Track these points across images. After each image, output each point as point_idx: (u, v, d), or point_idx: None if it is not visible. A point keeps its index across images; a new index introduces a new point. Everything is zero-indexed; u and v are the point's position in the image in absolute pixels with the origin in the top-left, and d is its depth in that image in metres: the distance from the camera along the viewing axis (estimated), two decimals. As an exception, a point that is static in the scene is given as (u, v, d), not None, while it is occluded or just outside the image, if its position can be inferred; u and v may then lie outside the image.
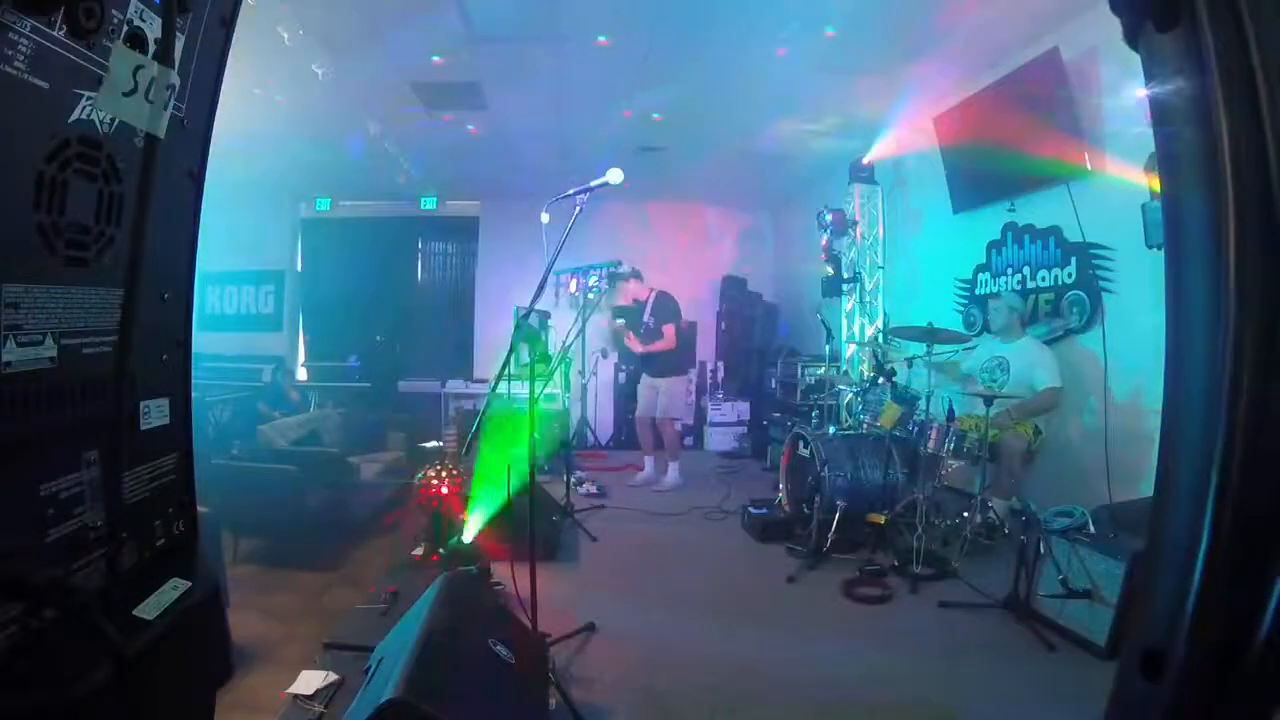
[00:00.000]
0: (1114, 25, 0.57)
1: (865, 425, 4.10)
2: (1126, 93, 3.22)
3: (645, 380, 5.24)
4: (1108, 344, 3.57)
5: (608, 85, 4.57)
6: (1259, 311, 0.47)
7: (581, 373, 6.59)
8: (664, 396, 5.08)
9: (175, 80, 0.87)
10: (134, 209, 0.77)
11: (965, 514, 3.49)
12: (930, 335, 3.66)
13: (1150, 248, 3.25)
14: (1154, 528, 0.56)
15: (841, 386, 5.35)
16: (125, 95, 0.79)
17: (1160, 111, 0.56)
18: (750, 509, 4.02)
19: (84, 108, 0.75)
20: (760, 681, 2.31)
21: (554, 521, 3.82)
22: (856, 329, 5.88)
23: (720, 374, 7.56)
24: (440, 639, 1.66)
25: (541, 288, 2.28)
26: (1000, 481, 3.55)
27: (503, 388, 2.31)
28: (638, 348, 5.09)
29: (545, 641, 2.28)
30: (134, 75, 0.79)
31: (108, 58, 0.76)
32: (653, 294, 5.14)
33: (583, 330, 5.60)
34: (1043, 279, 4.04)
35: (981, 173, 4.43)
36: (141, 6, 0.79)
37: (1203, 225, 0.51)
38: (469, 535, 3.20)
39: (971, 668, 2.39)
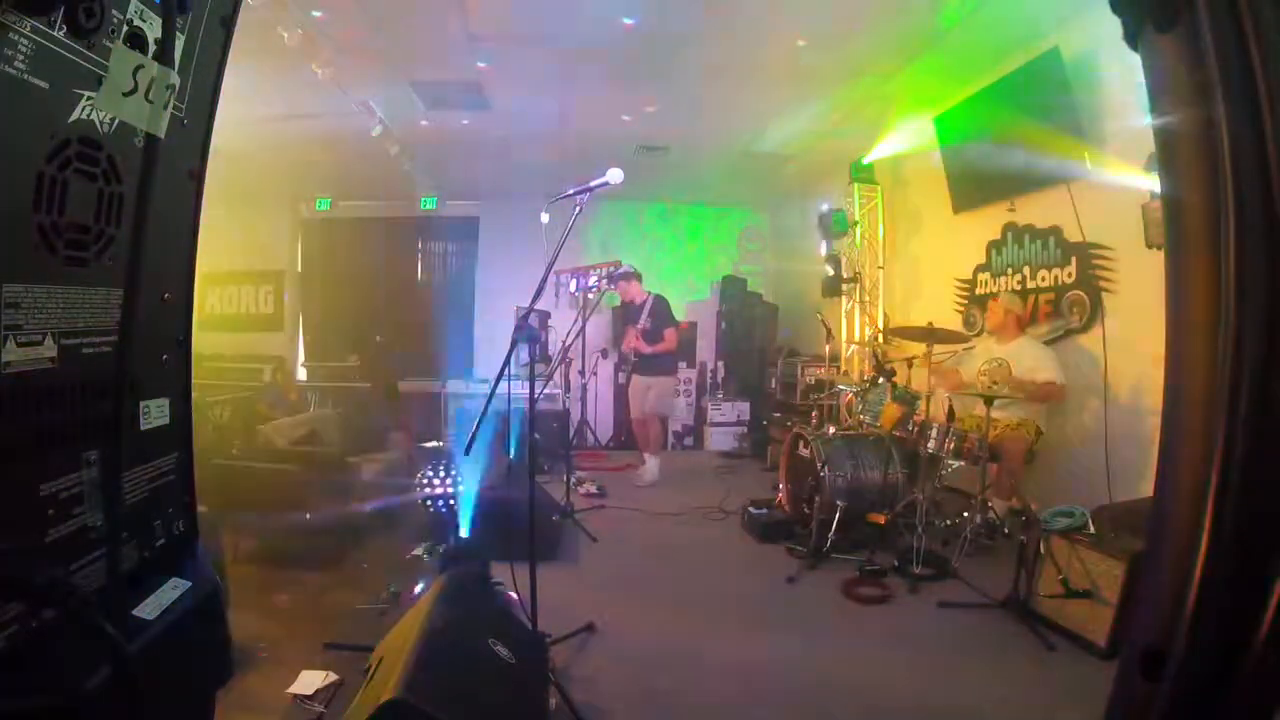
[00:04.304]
0: (1114, 25, 0.57)
1: (865, 425, 4.10)
2: (1126, 93, 3.22)
3: (639, 381, 5.34)
4: (1108, 344, 3.57)
5: (609, 85, 4.57)
6: (1259, 311, 0.47)
7: (581, 373, 6.58)
8: (654, 395, 5.28)
9: (175, 80, 0.87)
10: (134, 209, 0.77)
11: (965, 514, 3.49)
12: (930, 335, 3.66)
13: (1150, 248, 3.25)
14: (1154, 528, 0.56)
15: (841, 386, 5.36)
16: (125, 95, 0.79)
17: (1160, 111, 0.56)
18: (750, 509, 4.01)
19: (84, 108, 0.75)
20: (760, 681, 2.31)
21: (554, 521, 3.82)
22: (856, 329, 5.89)
23: (720, 374, 7.56)
24: (440, 639, 1.66)
25: (541, 288, 2.28)
26: (1000, 481, 3.55)
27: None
28: (645, 348, 5.19)
29: (545, 641, 2.28)
30: (134, 75, 0.79)
31: (108, 58, 0.76)
32: (650, 298, 5.27)
33: (583, 330, 5.62)
34: (1043, 279, 4.04)
35: (981, 173, 4.43)
36: (141, 6, 0.79)
37: (1203, 225, 0.51)
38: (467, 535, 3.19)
39: (971, 668, 2.39)
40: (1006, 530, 3.43)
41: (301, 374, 7.63)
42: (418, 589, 2.91)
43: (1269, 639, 0.46)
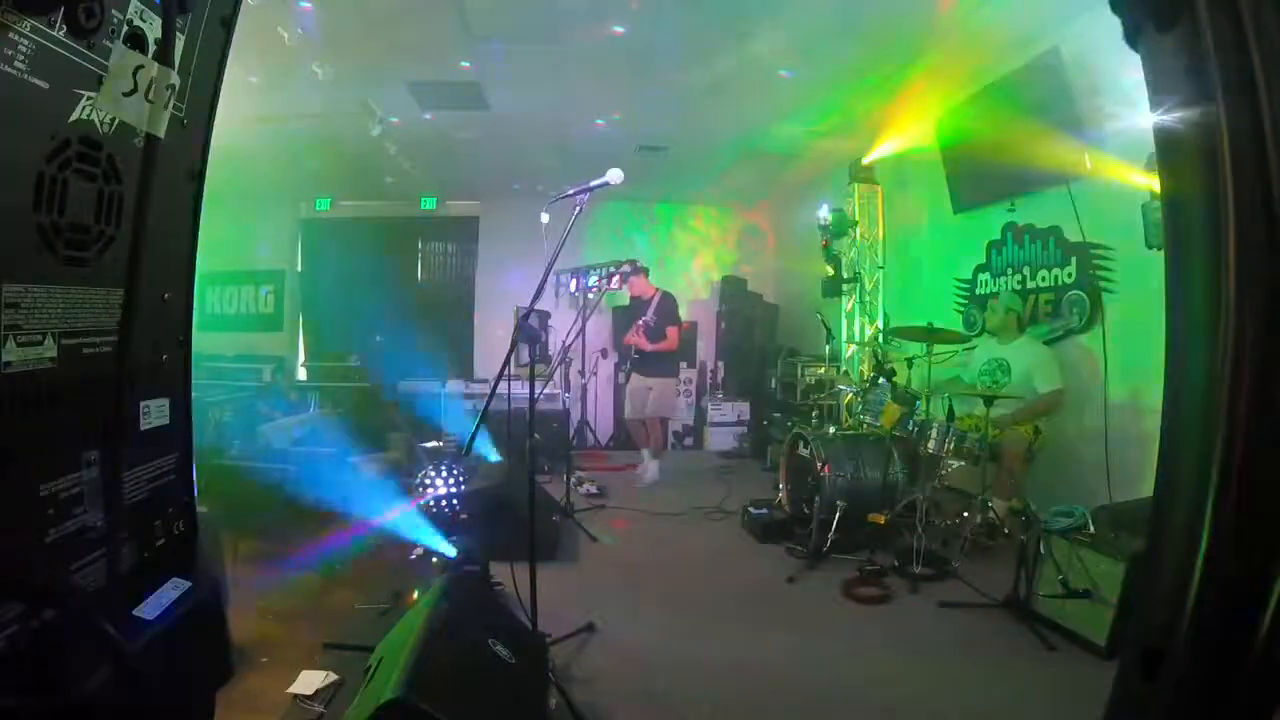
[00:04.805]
0: (1114, 25, 0.57)
1: (865, 425, 4.10)
2: (1126, 93, 3.21)
3: (637, 380, 5.26)
4: (1108, 344, 3.57)
5: (609, 85, 4.57)
6: (1259, 311, 0.47)
7: (581, 373, 6.59)
8: (655, 396, 5.21)
9: (175, 80, 0.87)
10: (134, 209, 0.78)
11: (965, 514, 3.49)
12: (930, 335, 3.66)
13: (1150, 248, 3.25)
14: (1154, 528, 0.56)
15: (841, 386, 5.35)
16: (125, 95, 0.79)
17: (1160, 111, 0.56)
18: (750, 509, 4.01)
19: (84, 108, 0.75)
20: (760, 681, 2.31)
21: (554, 521, 3.82)
22: (856, 329, 5.89)
23: (720, 374, 7.56)
24: (440, 639, 1.66)
25: (541, 288, 2.28)
26: (1000, 481, 3.55)
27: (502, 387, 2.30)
28: (647, 345, 5.12)
29: (545, 641, 2.28)
30: (134, 75, 0.79)
31: (108, 58, 0.76)
32: (657, 294, 5.22)
33: (583, 330, 5.61)
34: (1043, 279, 4.04)
35: (981, 173, 4.43)
36: (141, 6, 0.79)
37: (1203, 225, 0.51)
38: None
39: (971, 668, 2.39)
40: (1006, 530, 3.43)
41: (301, 374, 7.63)
42: (417, 590, 2.91)
43: (1269, 639, 0.46)
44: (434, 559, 3.28)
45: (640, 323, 5.17)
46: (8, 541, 0.70)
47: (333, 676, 2.20)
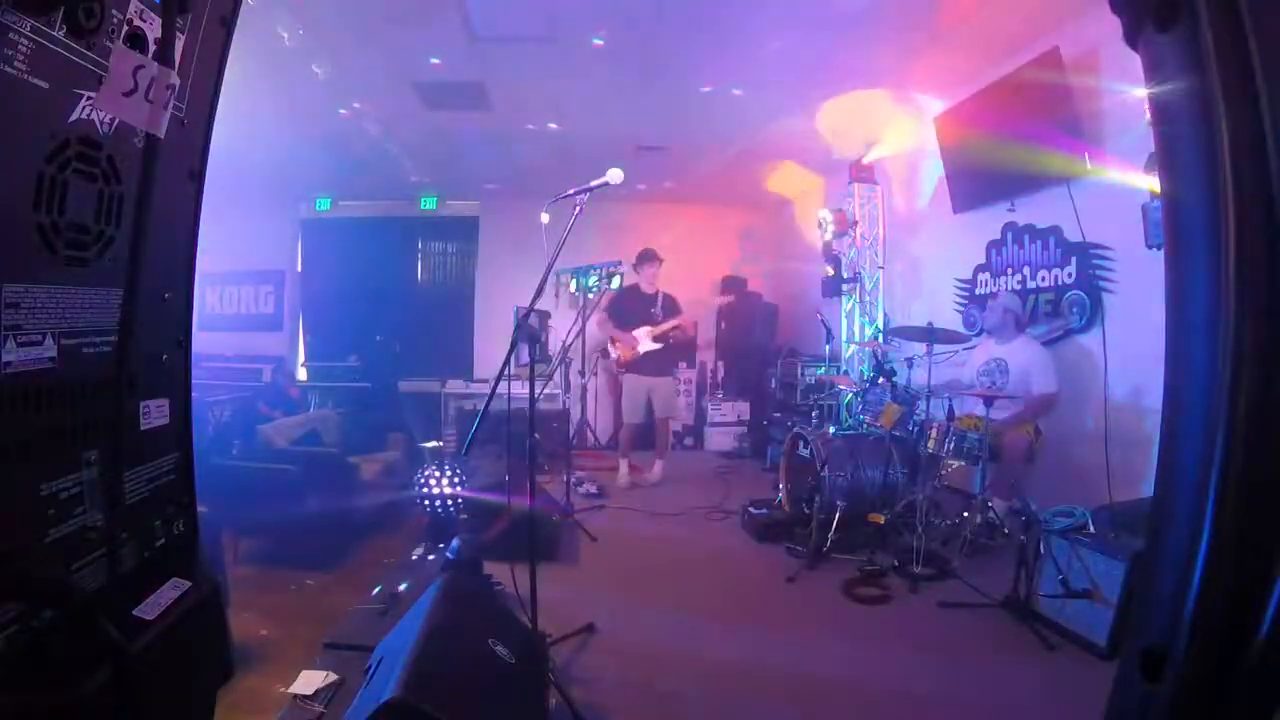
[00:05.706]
0: (1114, 25, 0.57)
1: (865, 425, 4.10)
2: (1126, 93, 3.21)
3: (635, 381, 5.16)
4: (1108, 344, 3.57)
5: (610, 85, 4.58)
6: (1259, 311, 0.47)
7: (581, 373, 6.59)
8: (659, 398, 5.16)
9: (175, 80, 0.87)
10: (134, 209, 0.77)
11: (965, 514, 3.49)
12: (930, 335, 3.66)
13: (1150, 248, 3.25)
14: (1154, 528, 0.56)
15: (841, 386, 5.35)
16: (125, 95, 0.79)
17: (1160, 111, 0.56)
18: (750, 509, 4.01)
19: (84, 108, 0.75)
20: (760, 682, 2.31)
21: (554, 521, 3.82)
22: (856, 329, 5.89)
23: (720, 374, 7.56)
24: (440, 639, 1.66)
25: (541, 288, 2.28)
26: (1000, 481, 3.55)
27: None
28: (689, 326, 4.96)
29: (545, 641, 2.28)
30: (134, 75, 0.79)
31: (108, 58, 0.76)
32: (660, 293, 5.18)
33: (583, 330, 5.60)
34: (1043, 279, 4.04)
35: (981, 173, 4.43)
36: (141, 6, 0.79)
37: (1203, 225, 0.51)
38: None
39: (971, 668, 2.39)
40: (1006, 530, 3.43)
41: (301, 374, 7.63)
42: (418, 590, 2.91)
43: (1269, 639, 0.46)
44: (431, 557, 3.29)
45: (654, 313, 5.07)
46: (8, 541, 0.70)
47: (333, 676, 2.20)
